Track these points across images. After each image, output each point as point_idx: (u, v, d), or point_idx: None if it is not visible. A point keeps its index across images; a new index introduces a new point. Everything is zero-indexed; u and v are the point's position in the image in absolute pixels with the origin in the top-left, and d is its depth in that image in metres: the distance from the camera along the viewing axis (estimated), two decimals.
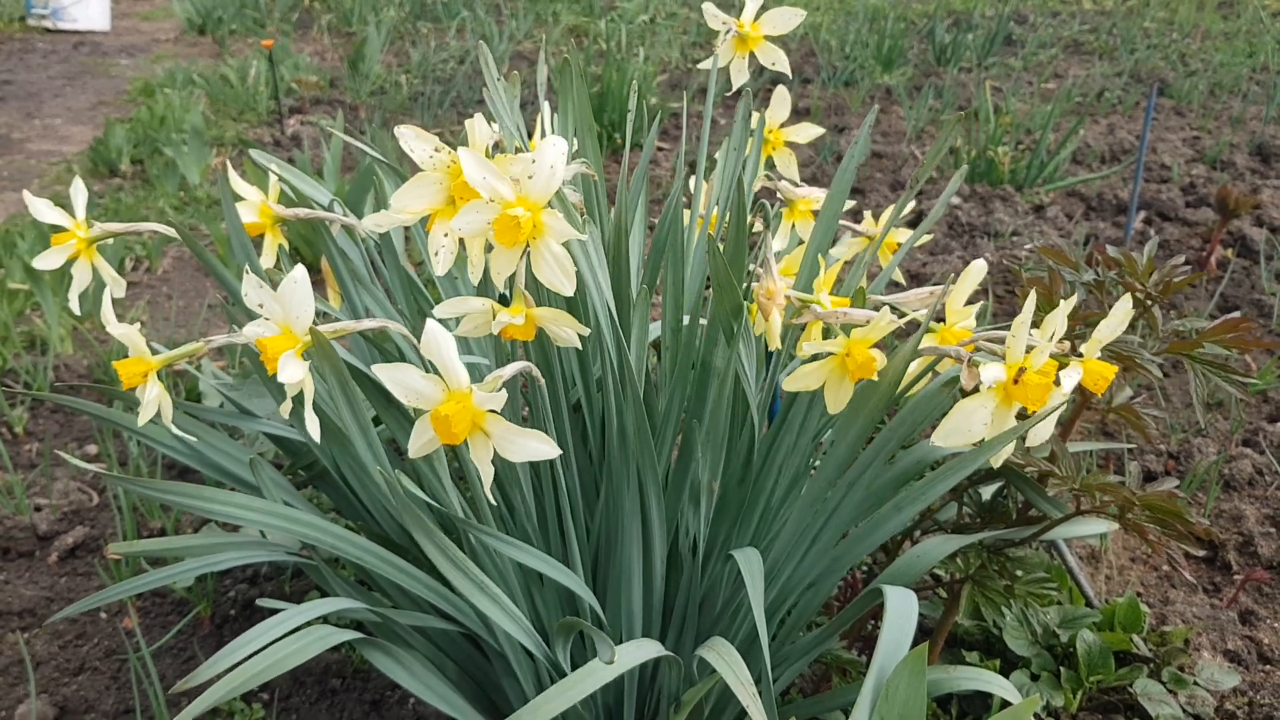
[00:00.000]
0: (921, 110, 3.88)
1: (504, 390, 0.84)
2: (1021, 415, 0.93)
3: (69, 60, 5.08)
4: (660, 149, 3.67)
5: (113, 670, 1.45)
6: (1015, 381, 0.88)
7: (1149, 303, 1.10)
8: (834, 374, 1.00)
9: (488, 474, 0.87)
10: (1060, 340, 0.92)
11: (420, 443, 0.88)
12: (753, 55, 1.24)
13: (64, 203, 1.10)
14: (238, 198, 1.13)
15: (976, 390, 0.91)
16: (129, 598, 1.55)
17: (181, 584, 1.55)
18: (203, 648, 1.47)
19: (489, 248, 0.92)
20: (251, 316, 1.16)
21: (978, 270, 0.99)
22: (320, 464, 1.24)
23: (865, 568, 1.54)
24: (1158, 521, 1.04)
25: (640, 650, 0.97)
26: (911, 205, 1.25)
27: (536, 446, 0.85)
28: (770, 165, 1.30)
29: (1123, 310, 0.93)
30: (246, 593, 1.57)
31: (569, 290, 0.85)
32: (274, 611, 0.98)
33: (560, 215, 0.84)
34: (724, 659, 0.93)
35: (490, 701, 1.22)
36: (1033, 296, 0.90)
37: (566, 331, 0.94)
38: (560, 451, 0.86)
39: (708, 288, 1.25)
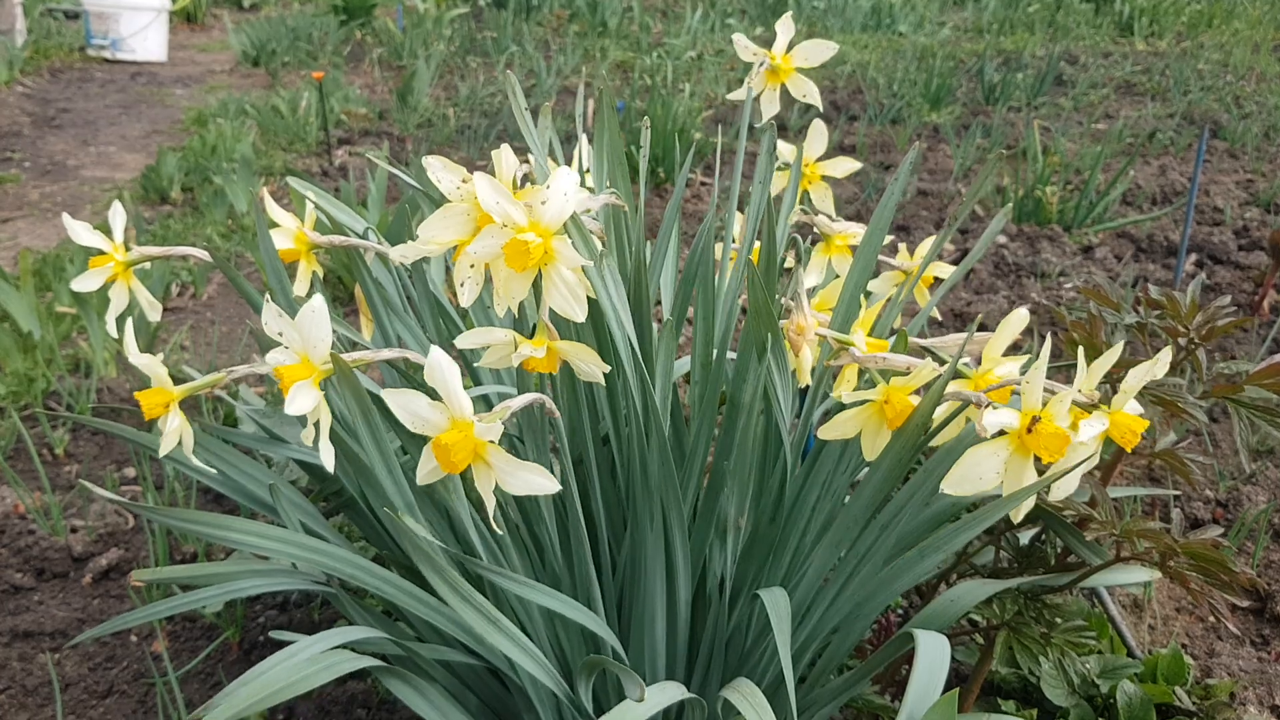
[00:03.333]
0: (969, 149, 3.85)
1: (500, 424, 0.84)
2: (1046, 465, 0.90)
3: (126, 90, 5.19)
4: (704, 184, 3.67)
5: (140, 694, 1.45)
6: (1029, 430, 0.86)
7: (1192, 345, 1.07)
8: (871, 421, 0.98)
9: (490, 502, 0.87)
10: (1090, 389, 0.89)
11: (426, 469, 0.88)
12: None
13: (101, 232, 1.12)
14: (273, 224, 1.13)
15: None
16: (158, 622, 1.56)
17: (210, 609, 1.55)
18: (230, 674, 1.47)
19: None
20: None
21: (1019, 319, 0.96)
22: (347, 491, 1.24)
23: (900, 610, 1.51)
24: (1201, 570, 1.01)
25: (663, 693, 0.94)
26: (954, 243, 1.23)
27: (536, 480, 0.85)
28: (807, 199, 1.29)
29: (1160, 359, 0.90)
30: (275, 619, 1.57)
31: (580, 317, 0.86)
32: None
33: (569, 241, 0.84)
34: (749, 701, 0.91)
35: None
36: (1049, 342, 0.88)
37: (589, 366, 0.93)
38: (560, 487, 0.86)
39: (742, 313, 1.24)
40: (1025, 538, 1.19)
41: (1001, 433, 0.88)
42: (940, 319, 2.08)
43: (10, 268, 2.82)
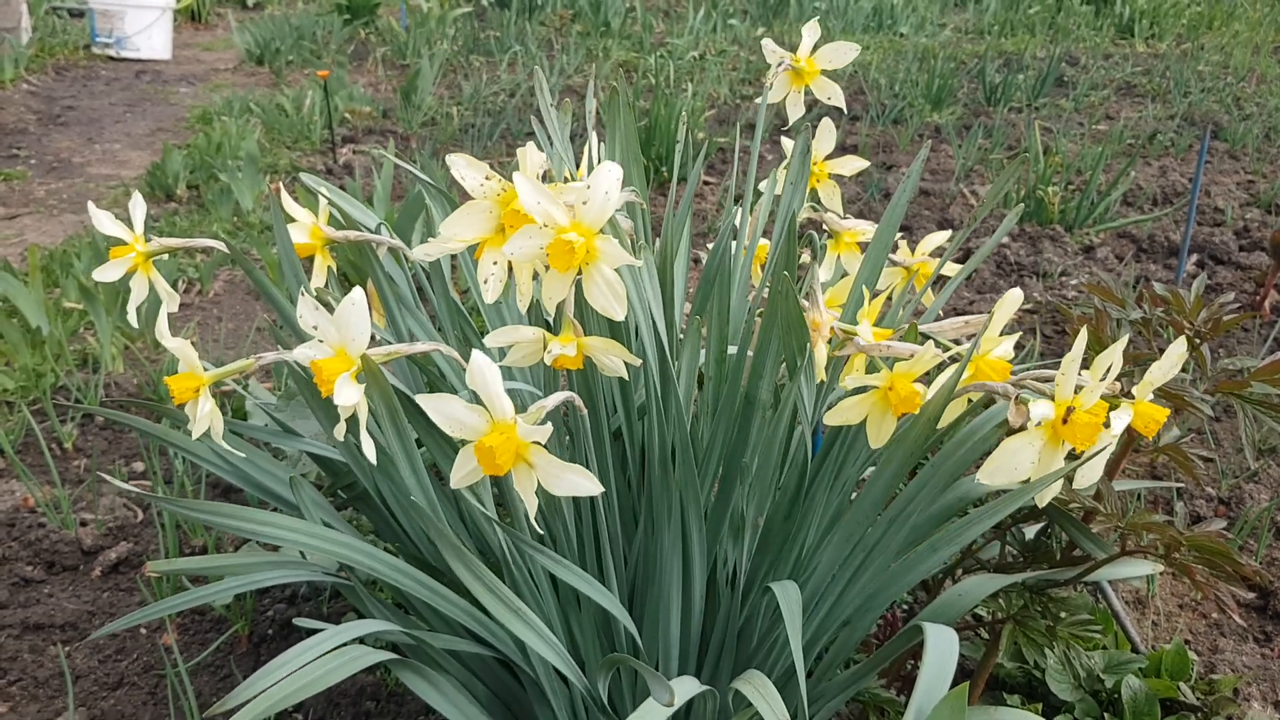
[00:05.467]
0: (970, 149, 3.86)
1: (549, 423, 0.84)
2: (1070, 455, 0.92)
3: (131, 88, 5.20)
4: (707, 183, 3.68)
5: (150, 686, 1.46)
6: (1064, 421, 0.87)
7: (1198, 341, 1.08)
8: (876, 408, 0.98)
9: (532, 504, 0.87)
10: (1111, 381, 0.90)
11: (463, 473, 0.87)
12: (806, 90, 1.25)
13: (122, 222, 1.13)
14: (289, 219, 1.14)
15: (1023, 428, 0.89)
16: (169, 615, 1.57)
17: (220, 602, 1.56)
18: (240, 666, 1.48)
19: (535, 276, 0.92)
20: (301, 337, 1.17)
21: (1013, 299, 0.97)
22: (360, 485, 1.25)
23: (905, 605, 1.52)
24: (1205, 562, 1.02)
25: (681, 688, 0.95)
26: (942, 240, 1.25)
27: (579, 481, 0.85)
28: (814, 197, 1.30)
29: (1176, 353, 0.91)
30: (284, 612, 1.58)
31: (620, 315, 0.85)
32: (310, 633, 0.98)
33: (614, 240, 0.84)
34: (760, 693, 0.92)
35: None
36: (1083, 334, 0.89)
37: (614, 360, 0.94)
38: (602, 489, 0.86)
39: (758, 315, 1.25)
40: (1031, 532, 1.20)
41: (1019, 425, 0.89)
42: (944, 317, 2.10)
43: (18, 264, 2.84)
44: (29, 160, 3.95)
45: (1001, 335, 0.98)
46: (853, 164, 1.30)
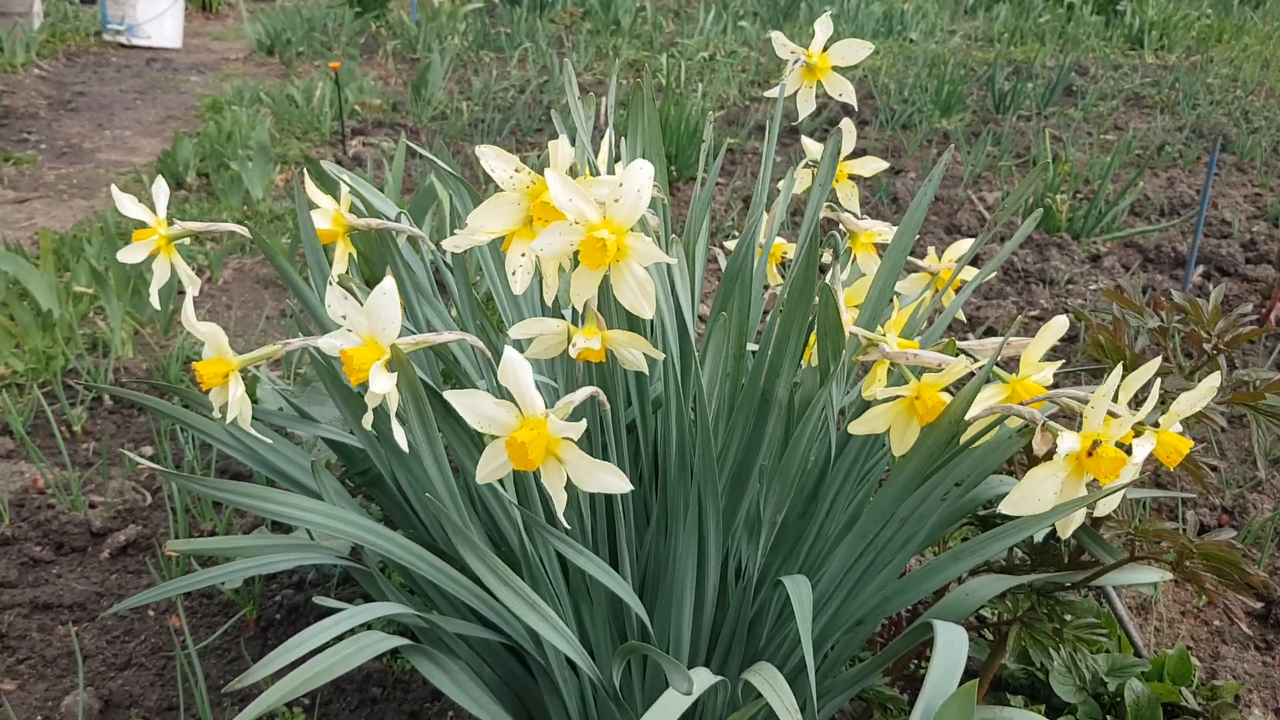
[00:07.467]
0: (979, 156, 3.87)
1: (583, 420, 0.84)
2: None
3: (141, 75, 5.20)
4: (716, 182, 3.68)
5: (158, 667, 1.47)
6: (1089, 453, 0.87)
7: (1215, 352, 1.09)
8: (900, 416, 0.99)
9: (561, 499, 0.87)
10: (1142, 415, 0.90)
11: (490, 468, 0.87)
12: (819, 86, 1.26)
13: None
14: (313, 206, 1.15)
15: (1048, 457, 0.90)
16: (177, 597, 1.58)
17: (230, 585, 1.56)
18: (248, 649, 1.49)
19: (561, 268, 0.93)
20: (321, 324, 1.18)
21: (1058, 326, 0.97)
22: (373, 471, 1.26)
23: (909, 605, 1.53)
24: (1214, 571, 1.03)
25: (697, 678, 0.96)
26: (967, 249, 1.26)
27: (609, 479, 0.85)
28: (831, 197, 1.31)
29: (1207, 386, 0.91)
30: (292, 598, 1.58)
31: (649, 313, 0.86)
32: (318, 613, 0.99)
33: (646, 238, 0.85)
34: (770, 684, 0.93)
35: (529, 715, 1.22)
36: (1119, 369, 0.88)
37: (635, 354, 0.94)
38: (632, 486, 0.86)
39: (764, 317, 1.26)
40: (1040, 534, 1.21)
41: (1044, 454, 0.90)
42: (961, 319, 2.10)
43: (29, 247, 2.84)
44: (39, 145, 3.95)
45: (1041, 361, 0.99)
46: (872, 165, 1.31)
